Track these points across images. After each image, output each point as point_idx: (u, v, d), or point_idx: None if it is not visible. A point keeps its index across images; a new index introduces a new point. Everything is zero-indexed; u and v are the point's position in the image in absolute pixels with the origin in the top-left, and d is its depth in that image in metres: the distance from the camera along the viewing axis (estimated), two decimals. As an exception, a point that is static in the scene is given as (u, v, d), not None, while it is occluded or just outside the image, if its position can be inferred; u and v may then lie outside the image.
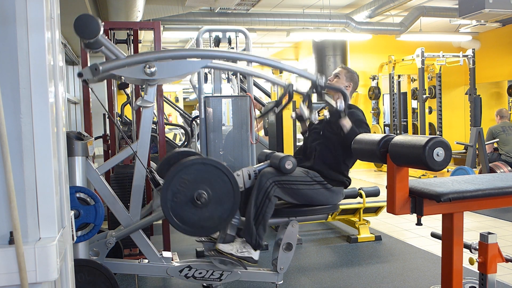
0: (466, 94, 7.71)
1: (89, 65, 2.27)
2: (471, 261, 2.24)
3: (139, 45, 3.85)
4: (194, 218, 2.35)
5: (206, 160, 2.41)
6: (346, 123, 2.63)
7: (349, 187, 2.92)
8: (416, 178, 7.25)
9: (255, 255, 2.53)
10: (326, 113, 2.65)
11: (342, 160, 2.75)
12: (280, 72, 5.92)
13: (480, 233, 2.18)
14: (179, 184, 2.32)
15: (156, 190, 2.63)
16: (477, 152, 6.71)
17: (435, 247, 3.95)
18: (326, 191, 2.68)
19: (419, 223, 2.14)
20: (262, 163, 2.74)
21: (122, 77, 2.44)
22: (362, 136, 2.34)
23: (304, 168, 2.73)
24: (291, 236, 2.63)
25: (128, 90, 5.92)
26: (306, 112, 2.52)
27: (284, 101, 2.64)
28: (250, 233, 2.51)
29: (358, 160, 2.54)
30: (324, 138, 2.79)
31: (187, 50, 2.46)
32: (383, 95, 10.05)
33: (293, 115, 2.80)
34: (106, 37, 3.75)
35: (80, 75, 2.27)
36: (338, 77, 2.97)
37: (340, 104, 2.53)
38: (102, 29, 2.20)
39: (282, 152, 4.54)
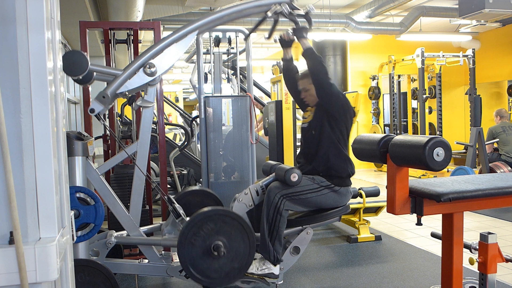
0: (466, 94, 7.71)
1: (94, 97, 2.28)
2: (471, 261, 2.24)
3: (139, 45, 3.85)
4: (211, 268, 2.39)
5: (222, 212, 2.45)
6: (307, 41, 2.76)
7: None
8: (416, 178, 7.26)
9: (276, 270, 2.55)
10: (290, 30, 2.84)
11: (339, 145, 2.73)
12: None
13: (480, 233, 2.18)
14: (196, 235, 2.37)
15: (177, 221, 2.67)
16: (477, 152, 6.71)
17: (435, 247, 3.95)
18: (335, 194, 2.69)
19: (419, 223, 2.14)
20: (267, 177, 2.75)
21: (127, 93, 2.44)
22: (362, 136, 2.34)
23: (309, 175, 2.73)
24: (302, 241, 2.66)
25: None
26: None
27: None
28: (267, 250, 2.53)
29: (358, 160, 2.53)
30: (317, 136, 2.78)
31: (172, 34, 2.44)
32: (383, 95, 10.04)
33: (276, 38, 2.97)
34: (103, 38, 3.76)
35: (92, 111, 2.28)
36: (307, 90, 2.88)
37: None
38: (88, 62, 2.19)
39: (282, 153, 4.54)
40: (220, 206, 3.06)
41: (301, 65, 2.96)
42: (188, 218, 2.46)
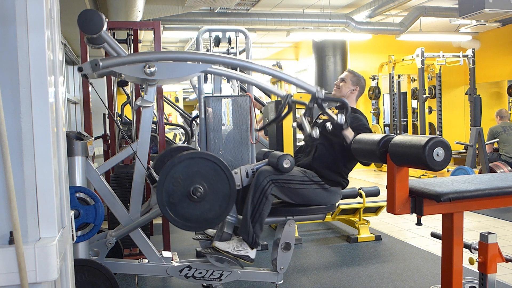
0: (466, 94, 7.71)
1: (89, 60, 2.29)
2: (471, 261, 2.24)
3: (139, 45, 3.85)
4: (191, 213, 2.35)
5: (200, 154, 2.41)
6: (349, 133, 2.59)
7: (349, 187, 2.93)
8: (416, 178, 7.25)
9: (252, 253, 2.53)
10: (328, 125, 2.59)
11: (343, 163, 2.74)
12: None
13: (480, 233, 2.18)
14: (174, 180, 2.31)
15: (153, 187, 2.62)
16: (477, 152, 6.71)
17: (435, 247, 3.95)
18: (323, 191, 2.68)
19: (419, 223, 2.14)
20: (260, 162, 2.74)
21: (122, 75, 2.45)
22: (362, 136, 2.34)
23: (302, 168, 2.73)
24: (288, 235, 2.63)
25: (128, 90, 5.92)
26: (307, 127, 2.50)
27: (284, 112, 2.65)
28: (247, 231, 2.51)
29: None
30: (324, 137, 2.79)
31: (188, 53, 2.45)
32: (383, 95, 10.05)
33: (294, 125, 2.76)
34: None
35: (80, 69, 2.28)
36: (344, 81, 2.97)
37: (340, 118, 2.45)
38: (105, 25, 2.20)
39: (282, 151, 4.54)
40: None
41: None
42: None
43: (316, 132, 2.47)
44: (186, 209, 2.33)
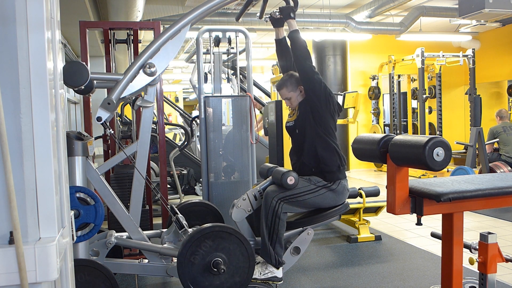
0: (466, 94, 7.71)
1: (100, 105, 2.28)
2: (471, 261, 2.24)
3: (139, 45, 3.85)
4: (212, 285, 2.40)
5: (222, 228, 2.46)
6: (294, 23, 2.77)
7: (349, 187, 2.92)
8: (416, 178, 7.26)
9: (279, 273, 2.55)
10: (277, 12, 2.87)
11: (326, 137, 2.72)
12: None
13: (480, 233, 2.18)
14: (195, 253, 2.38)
15: (180, 232, 2.67)
16: (477, 152, 6.71)
17: (435, 247, 3.95)
18: (332, 193, 2.69)
19: (419, 223, 2.14)
20: (264, 181, 2.75)
21: (131, 96, 2.44)
22: (362, 136, 2.34)
23: (305, 176, 2.73)
24: (303, 242, 2.66)
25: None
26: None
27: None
28: (268, 254, 2.53)
29: (358, 160, 2.54)
30: (302, 132, 2.78)
31: (166, 31, 2.44)
32: (383, 95, 10.04)
33: (267, 18, 3.00)
34: (103, 38, 3.76)
35: (99, 119, 2.29)
36: (289, 98, 2.89)
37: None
38: (89, 72, 2.19)
39: (282, 152, 4.54)
40: (219, 218, 3.08)
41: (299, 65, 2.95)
42: (191, 230, 2.47)
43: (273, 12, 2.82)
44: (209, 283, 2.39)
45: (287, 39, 2.89)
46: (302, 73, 2.72)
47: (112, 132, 2.52)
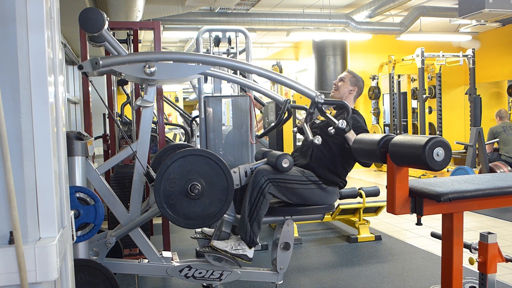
0: (466, 94, 7.71)
1: (89, 58, 2.29)
2: (471, 261, 2.24)
3: (139, 45, 3.85)
4: (191, 210, 2.35)
5: (200, 152, 2.41)
6: (352, 136, 2.56)
7: (349, 187, 2.93)
8: (416, 178, 7.26)
9: (250, 253, 2.52)
10: (331, 130, 2.59)
11: (340, 164, 2.74)
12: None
13: (480, 233, 2.18)
14: (172, 175, 2.31)
15: (151, 186, 2.62)
16: (477, 152, 6.71)
17: (435, 247, 3.95)
18: (321, 191, 2.68)
19: (419, 223, 2.13)
20: (259, 161, 2.74)
21: (122, 74, 2.45)
22: (362, 136, 2.34)
23: (300, 168, 2.73)
24: (287, 235, 2.63)
25: (128, 90, 5.92)
26: (309, 133, 2.51)
27: (284, 116, 2.65)
28: (245, 230, 2.51)
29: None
30: (323, 140, 2.78)
31: (188, 53, 2.46)
32: (383, 95, 10.04)
33: (295, 130, 2.77)
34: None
35: (80, 67, 2.29)
36: (343, 81, 2.98)
37: (341, 122, 2.47)
38: (106, 23, 2.20)
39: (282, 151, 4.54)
40: None
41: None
42: None
43: (318, 139, 2.48)
44: (186, 207, 2.34)
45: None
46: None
47: (91, 79, 2.52)
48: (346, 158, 2.71)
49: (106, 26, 2.21)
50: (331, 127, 2.52)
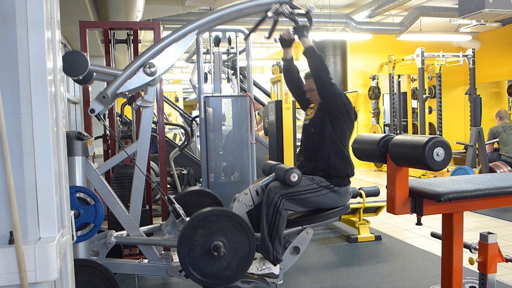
0: (466, 94, 7.71)
1: (95, 98, 2.28)
2: (471, 261, 2.24)
3: (139, 45, 3.85)
4: (211, 270, 2.39)
5: (221, 212, 2.44)
6: (308, 41, 2.75)
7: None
8: (416, 178, 7.25)
9: (276, 270, 2.55)
10: (291, 30, 2.85)
11: (340, 140, 2.73)
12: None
13: (480, 233, 2.18)
14: (195, 238, 2.36)
15: (178, 221, 2.65)
16: (477, 152, 6.71)
17: (435, 247, 3.95)
18: (334, 194, 2.69)
19: (419, 223, 2.14)
20: (267, 177, 2.75)
21: (127, 93, 2.45)
22: (362, 136, 2.34)
23: (309, 175, 2.73)
24: (302, 241, 2.65)
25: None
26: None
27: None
28: (267, 250, 2.53)
29: (358, 160, 2.53)
30: (317, 134, 2.78)
31: (172, 34, 2.44)
32: (383, 95, 10.04)
33: (277, 37, 2.98)
34: (103, 38, 3.76)
35: (92, 111, 2.28)
36: (311, 90, 2.91)
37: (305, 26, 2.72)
38: (88, 62, 2.19)
39: (282, 152, 4.53)
40: (220, 206, 3.05)
41: (302, 65, 2.97)
42: (188, 218, 2.46)
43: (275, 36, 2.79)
44: (209, 267, 2.39)
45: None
46: (321, 87, 2.71)
47: (107, 125, 2.51)
48: (343, 132, 2.74)
49: (88, 65, 2.20)
50: (292, 31, 2.81)
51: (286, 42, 2.96)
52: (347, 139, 2.79)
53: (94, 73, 2.44)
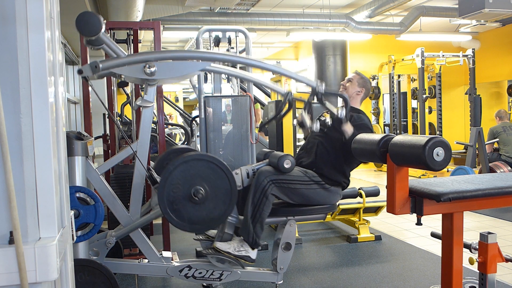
0: (466, 94, 7.71)
1: (89, 62, 2.28)
2: (471, 261, 2.24)
3: (139, 44, 3.85)
4: (196, 215, 2.35)
5: (202, 156, 2.41)
6: (348, 129, 2.61)
7: (349, 187, 2.92)
8: (416, 178, 7.25)
9: (253, 254, 2.53)
10: (328, 119, 2.62)
11: (344, 161, 2.74)
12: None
13: (480, 233, 2.18)
14: (175, 181, 2.31)
15: (154, 188, 2.63)
16: (477, 152, 6.71)
17: (435, 247, 3.95)
18: (324, 191, 2.68)
19: (419, 223, 2.14)
20: (261, 162, 2.74)
21: (122, 76, 2.44)
22: (362, 136, 2.34)
23: (303, 168, 2.73)
24: (289, 235, 2.63)
25: (128, 90, 5.92)
26: (307, 121, 2.53)
27: (284, 109, 2.65)
28: (248, 231, 2.51)
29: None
30: (326, 135, 2.79)
31: (187, 51, 2.46)
32: (383, 95, 10.05)
33: (295, 122, 2.79)
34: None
35: (80, 72, 2.28)
36: (351, 81, 2.99)
37: (341, 112, 2.53)
38: (103, 26, 2.20)
39: (282, 151, 4.54)
40: None
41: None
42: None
43: (316, 126, 2.49)
44: (190, 212, 2.34)
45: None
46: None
47: (91, 83, 2.50)
48: (350, 155, 2.72)
49: (103, 29, 2.21)
50: (329, 117, 2.58)
51: (303, 125, 2.86)
52: (352, 164, 2.79)
53: (104, 45, 2.41)
